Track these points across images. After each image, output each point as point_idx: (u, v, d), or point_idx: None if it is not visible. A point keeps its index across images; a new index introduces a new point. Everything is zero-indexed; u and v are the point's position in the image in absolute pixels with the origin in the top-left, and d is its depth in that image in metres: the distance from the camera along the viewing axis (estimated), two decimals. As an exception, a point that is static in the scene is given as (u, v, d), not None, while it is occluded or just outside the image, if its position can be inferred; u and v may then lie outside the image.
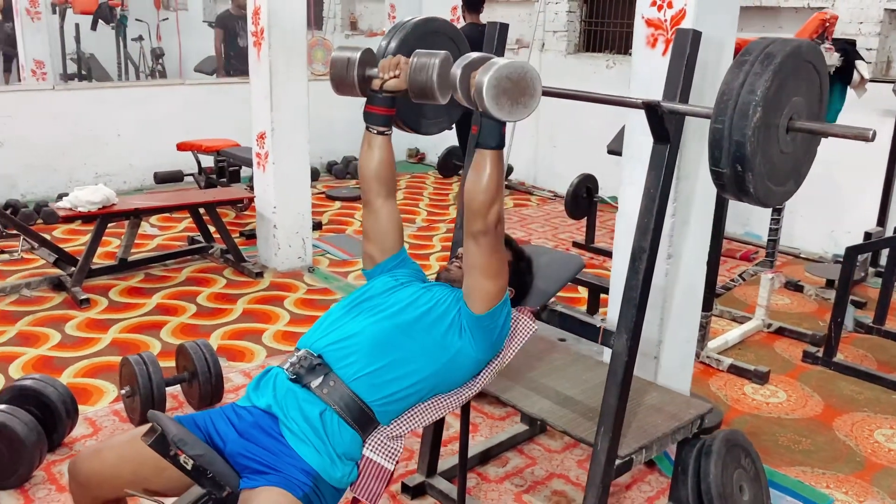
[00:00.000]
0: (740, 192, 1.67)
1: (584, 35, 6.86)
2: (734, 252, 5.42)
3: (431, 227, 5.85)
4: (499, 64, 1.65)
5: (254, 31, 4.35)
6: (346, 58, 1.99)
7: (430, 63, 1.90)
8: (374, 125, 2.03)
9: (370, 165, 2.05)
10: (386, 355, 1.77)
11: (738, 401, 3.32)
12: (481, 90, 1.63)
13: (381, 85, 1.97)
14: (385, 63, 1.97)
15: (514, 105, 1.66)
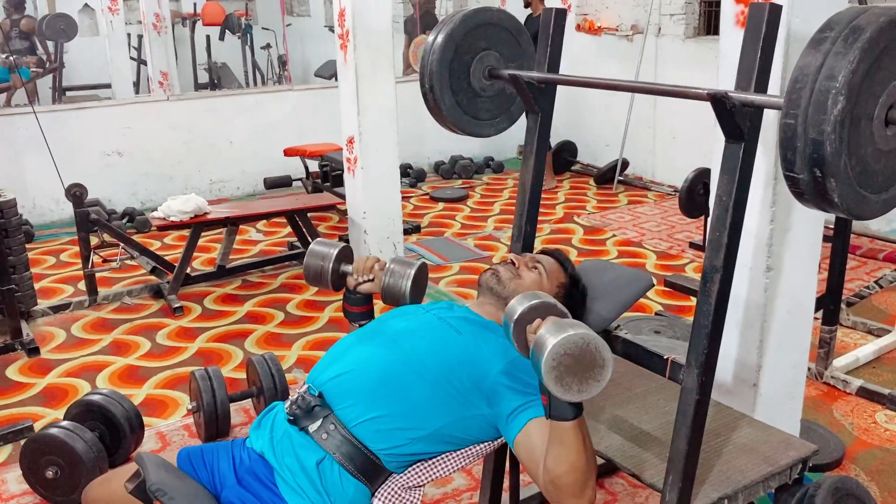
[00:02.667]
0: (822, 201, 1.34)
1: (703, 17, 6.34)
2: (877, 252, 4.79)
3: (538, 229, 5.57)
4: (553, 343, 1.33)
5: (340, 34, 4.26)
6: (322, 253, 1.96)
7: (404, 273, 1.89)
8: (355, 321, 1.96)
9: None
10: (391, 397, 1.55)
11: (867, 431, 2.86)
12: (541, 374, 1.34)
13: (356, 286, 1.93)
14: (360, 265, 1.93)
15: (583, 383, 1.36)
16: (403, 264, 1.92)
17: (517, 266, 1.85)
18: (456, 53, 2.16)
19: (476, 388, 1.57)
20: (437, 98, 2.16)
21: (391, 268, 1.90)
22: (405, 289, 1.88)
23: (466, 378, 1.58)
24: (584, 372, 1.35)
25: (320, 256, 1.97)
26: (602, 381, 1.38)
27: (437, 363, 1.59)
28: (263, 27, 11.12)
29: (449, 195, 6.42)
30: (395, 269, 1.90)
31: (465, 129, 2.24)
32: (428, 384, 1.57)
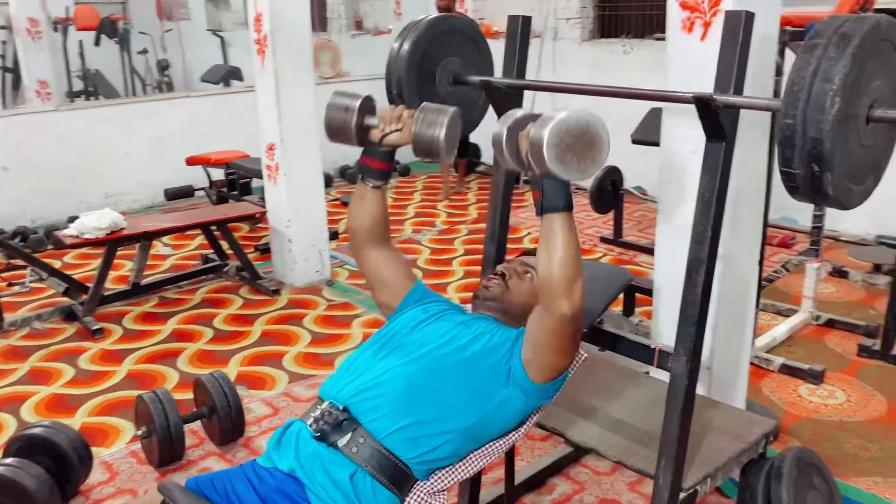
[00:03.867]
0: (817, 194, 1.45)
1: (598, 21, 6.61)
2: (771, 239, 5.16)
3: (452, 229, 5.64)
4: (556, 118, 1.40)
5: (256, 39, 4.16)
6: (344, 104, 1.81)
7: (437, 120, 1.75)
8: (371, 179, 1.85)
9: (363, 221, 1.86)
10: (420, 406, 1.56)
11: (794, 404, 3.10)
12: (541, 150, 1.39)
13: (382, 138, 1.80)
14: (387, 115, 1.80)
15: (581, 161, 1.43)
16: (436, 111, 1.77)
17: (508, 277, 1.88)
18: (422, 60, 2.17)
19: (492, 375, 1.63)
20: (405, 104, 2.16)
21: (422, 116, 1.76)
22: (439, 137, 1.73)
23: (483, 367, 1.63)
24: (583, 150, 1.43)
25: (343, 108, 1.81)
26: (599, 162, 1.46)
27: (455, 364, 1.62)
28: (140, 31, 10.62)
29: (360, 200, 6.37)
30: (426, 115, 1.76)
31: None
32: (452, 388, 1.59)
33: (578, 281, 1.53)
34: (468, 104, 2.34)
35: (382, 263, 1.88)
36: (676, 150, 2.43)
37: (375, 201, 1.85)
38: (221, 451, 2.81)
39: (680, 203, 2.46)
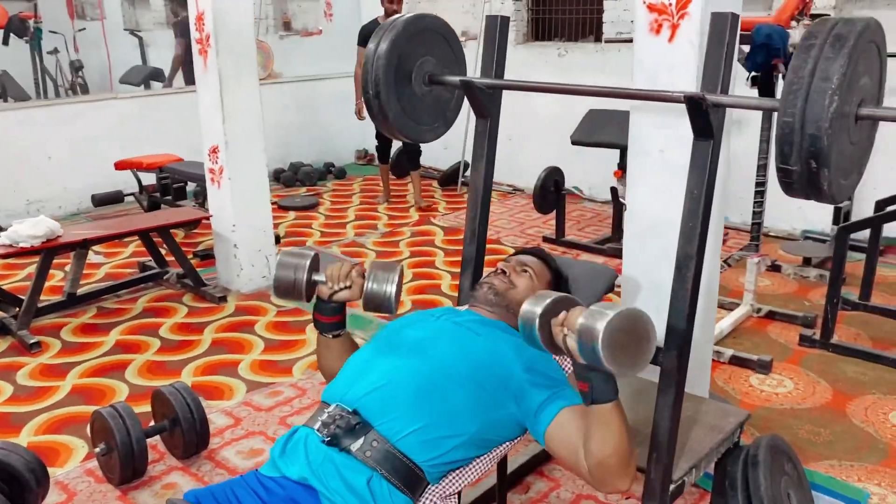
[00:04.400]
0: (813, 190, 1.51)
1: (532, 24, 6.71)
2: (705, 235, 5.35)
3: (395, 231, 5.61)
4: (607, 320, 1.38)
5: (198, 39, 4.03)
6: (293, 264, 1.82)
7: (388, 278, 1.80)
8: (327, 332, 1.88)
9: (330, 363, 1.88)
10: (433, 407, 1.54)
11: (748, 394, 3.21)
12: (596, 350, 1.37)
13: (331, 296, 1.82)
14: (334, 272, 1.82)
15: (633, 357, 1.43)
16: (385, 269, 1.85)
17: (508, 274, 1.88)
18: (399, 60, 2.15)
19: (503, 387, 1.60)
20: (383, 104, 2.14)
21: (374, 273, 1.83)
22: (390, 294, 1.80)
23: (494, 378, 1.61)
24: (634, 346, 1.43)
25: (292, 268, 1.83)
26: (649, 354, 1.46)
27: (466, 367, 1.60)
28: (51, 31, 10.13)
29: (299, 203, 6.27)
30: (377, 274, 1.83)
31: (409, 135, 2.24)
32: (462, 389, 1.57)
33: (632, 462, 1.52)
34: (442, 103, 2.33)
35: None
36: (645, 149, 2.48)
37: (341, 346, 1.88)
38: (185, 465, 2.71)
39: (649, 201, 2.51)
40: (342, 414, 1.53)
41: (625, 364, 1.41)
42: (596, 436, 1.47)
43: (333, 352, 1.89)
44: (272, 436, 2.88)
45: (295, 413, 3.04)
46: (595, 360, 1.40)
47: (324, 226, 5.77)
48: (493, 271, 1.95)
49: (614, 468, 1.48)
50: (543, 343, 1.53)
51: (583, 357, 1.41)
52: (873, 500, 2.50)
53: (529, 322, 1.54)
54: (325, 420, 1.54)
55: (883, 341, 3.68)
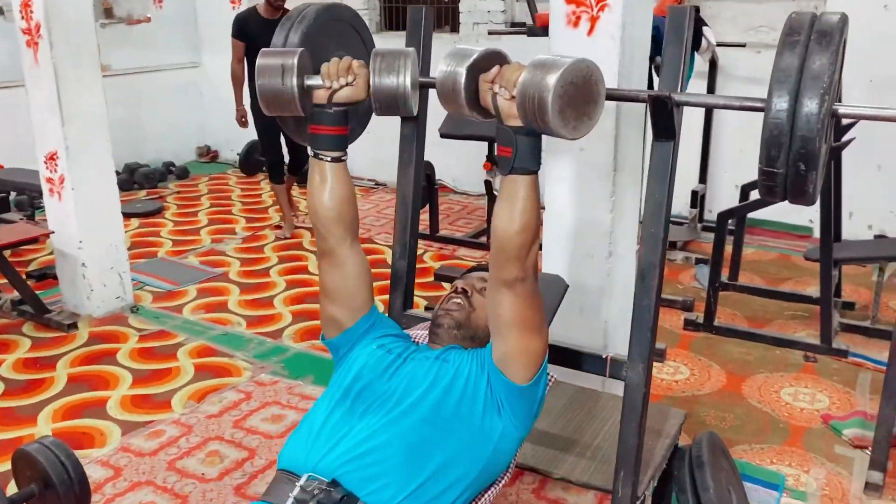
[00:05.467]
0: (797, 193, 1.44)
1: (385, 13, 6.49)
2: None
3: (257, 236, 5.23)
4: (564, 66, 1.26)
5: (25, 28, 3.47)
6: (277, 65, 1.51)
7: (399, 65, 1.52)
8: (326, 150, 1.57)
9: (327, 204, 1.58)
10: (426, 464, 1.35)
11: (650, 384, 3.23)
12: (546, 102, 1.24)
13: (331, 96, 1.53)
14: (331, 68, 1.53)
15: (578, 118, 1.30)
16: (394, 55, 1.54)
17: (469, 294, 1.70)
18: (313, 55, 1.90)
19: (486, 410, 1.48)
20: (296, 107, 1.87)
21: (379, 62, 1.53)
22: (405, 85, 1.51)
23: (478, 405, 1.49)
24: (582, 106, 1.33)
25: (278, 70, 1.50)
26: (594, 120, 1.37)
27: (450, 407, 1.44)
28: None
29: (141, 209, 5.69)
30: (385, 61, 1.53)
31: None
32: (454, 434, 1.40)
33: (534, 247, 1.43)
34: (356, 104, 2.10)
35: (353, 269, 1.64)
36: (563, 147, 2.38)
37: (340, 178, 1.59)
38: (60, 534, 2.30)
39: (569, 202, 2.42)
40: (320, 487, 1.29)
41: (569, 125, 1.30)
42: (504, 211, 1.37)
43: (330, 184, 1.59)
44: (162, 485, 2.52)
45: (185, 454, 2.69)
46: (537, 117, 1.28)
47: (174, 233, 5.28)
48: (450, 292, 1.75)
49: (515, 249, 1.38)
50: (465, 102, 1.40)
51: (522, 114, 1.30)
52: (789, 482, 2.57)
53: (452, 77, 1.40)
54: (298, 496, 1.29)
55: (757, 319, 3.86)
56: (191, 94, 7.32)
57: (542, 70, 1.29)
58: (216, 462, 2.65)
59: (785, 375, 3.28)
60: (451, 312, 1.68)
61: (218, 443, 2.76)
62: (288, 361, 3.40)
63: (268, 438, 2.79)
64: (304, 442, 1.42)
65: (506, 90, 1.34)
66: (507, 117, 1.35)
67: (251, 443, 2.76)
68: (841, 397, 3.10)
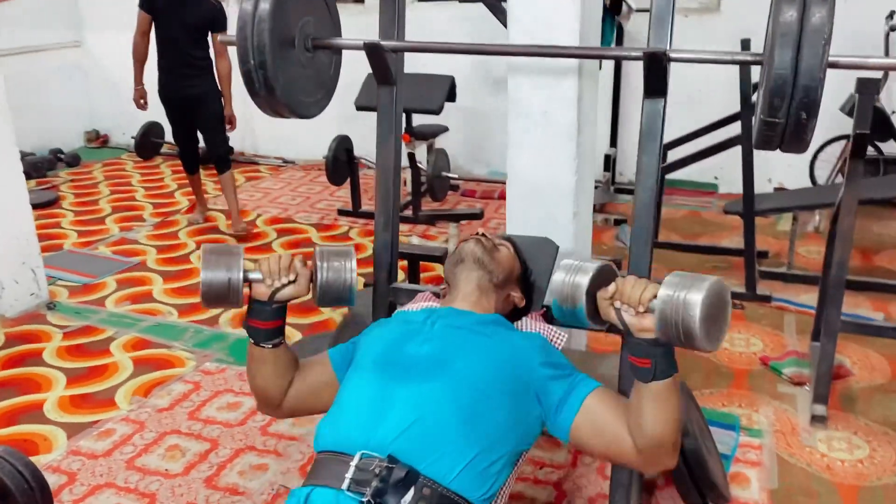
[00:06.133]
0: (795, 142, 1.52)
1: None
2: (492, 192, 5.48)
3: (168, 221, 4.98)
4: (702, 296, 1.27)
5: None
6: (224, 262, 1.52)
7: (344, 265, 1.57)
8: (265, 342, 1.56)
9: (276, 385, 1.61)
10: (479, 434, 1.34)
11: (597, 340, 3.33)
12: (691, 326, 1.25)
13: (273, 294, 1.52)
14: (272, 266, 1.52)
15: (718, 331, 1.33)
16: (338, 254, 1.58)
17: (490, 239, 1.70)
18: (283, 23, 1.82)
19: (527, 390, 1.45)
20: (269, 77, 1.81)
21: (325, 264, 1.54)
22: (350, 282, 1.56)
23: (520, 383, 1.45)
24: (718, 321, 1.34)
25: (224, 266, 1.50)
26: (728, 322, 1.39)
27: (494, 378, 1.40)
28: None
29: (35, 200, 5.22)
30: (330, 262, 1.55)
31: (297, 111, 1.93)
32: (499, 404, 1.38)
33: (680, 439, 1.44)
34: (322, 72, 2.03)
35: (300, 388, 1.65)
36: (526, 111, 2.38)
37: (280, 360, 1.60)
38: (23, 549, 2.13)
39: (533, 165, 2.43)
40: (375, 464, 1.25)
41: (712, 341, 1.31)
42: (652, 415, 1.36)
43: (271, 366, 1.59)
44: (125, 485, 2.38)
45: (142, 452, 2.55)
46: (682, 338, 1.29)
47: (77, 223, 4.95)
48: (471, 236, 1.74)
49: (670, 447, 1.39)
50: (588, 317, 1.41)
51: (664, 334, 1.30)
52: (742, 422, 2.72)
53: (573, 294, 1.41)
54: (356, 477, 1.24)
55: (684, 273, 4.03)
56: (74, 77, 6.85)
57: (682, 291, 1.29)
58: (178, 456, 2.53)
59: (718, 323, 3.45)
60: (479, 242, 1.67)
61: (176, 436, 2.63)
62: (232, 348, 3.27)
63: (228, 427, 2.68)
64: (347, 419, 1.37)
65: (631, 308, 1.33)
66: (638, 331, 1.34)
67: (212, 433, 2.65)
68: (772, 339, 3.30)
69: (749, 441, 2.60)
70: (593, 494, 2.35)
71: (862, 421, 2.70)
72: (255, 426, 2.69)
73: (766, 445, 2.57)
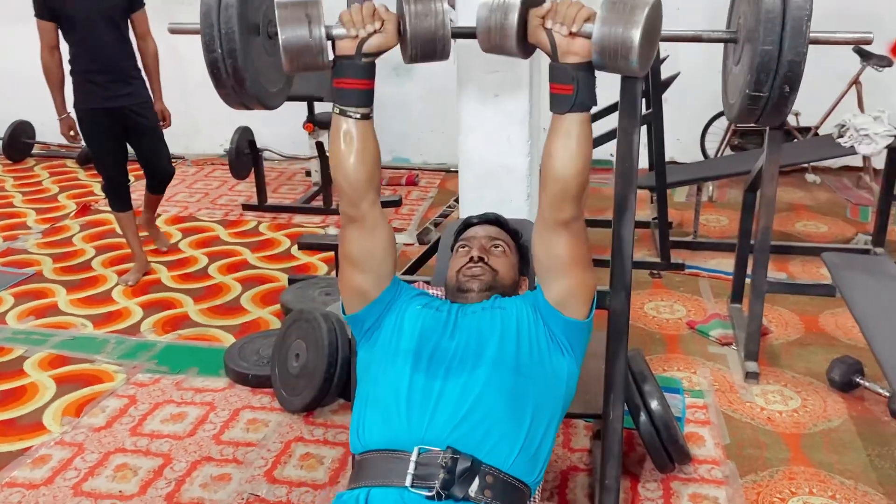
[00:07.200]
0: (776, 114, 1.59)
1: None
2: (399, 178, 5.45)
3: (57, 228, 4.62)
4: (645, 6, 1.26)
5: None
6: (303, 14, 1.37)
7: (435, 8, 1.41)
8: (355, 106, 1.43)
9: (359, 167, 1.45)
10: (525, 412, 1.35)
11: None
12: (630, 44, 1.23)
13: (360, 45, 1.38)
14: (355, 15, 1.39)
15: (651, 53, 1.31)
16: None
17: (487, 260, 1.67)
18: (249, 7, 1.73)
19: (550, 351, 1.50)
20: (238, 66, 1.69)
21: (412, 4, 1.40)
22: (445, 30, 1.40)
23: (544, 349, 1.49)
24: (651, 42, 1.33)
25: (304, 20, 1.36)
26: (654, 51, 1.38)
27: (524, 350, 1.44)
28: None
29: None
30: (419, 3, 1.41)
31: (265, 101, 1.82)
32: (538, 383, 1.41)
33: (587, 184, 1.45)
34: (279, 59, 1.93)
35: (382, 233, 1.52)
36: (477, 95, 2.38)
37: (370, 137, 1.45)
38: None
39: (485, 148, 2.44)
40: (443, 457, 1.22)
41: (645, 63, 1.31)
42: (563, 151, 1.37)
43: (359, 143, 1.45)
44: (76, 513, 2.21)
45: (88, 476, 2.36)
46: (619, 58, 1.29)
47: (-50, 236, 4.51)
48: (466, 258, 1.70)
49: (571, 185, 1.40)
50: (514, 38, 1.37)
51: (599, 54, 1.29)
52: (684, 384, 2.87)
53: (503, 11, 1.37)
54: (419, 472, 1.21)
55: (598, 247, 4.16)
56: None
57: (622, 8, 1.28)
58: (130, 476, 2.37)
59: (641, 293, 3.61)
60: (477, 277, 1.64)
61: (122, 455, 2.46)
62: (160, 357, 3.09)
63: (178, 439, 2.54)
64: (396, 416, 1.33)
65: (564, 26, 1.30)
66: (565, 54, 1.32)
67: (161, 448, 2.50)
68: (693, 304, 3.49)
69: (694, 402, 2.74)
70: (565, 468, 2.40)
71: (789, 374, 2.90)
72: (207, 435, 2.56)
73: (711, 404, 2.72)
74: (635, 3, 1.30)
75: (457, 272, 1.69)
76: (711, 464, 2.40)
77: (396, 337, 1.50)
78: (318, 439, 2.54)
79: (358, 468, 1.36)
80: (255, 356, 2.94)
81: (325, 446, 2.50)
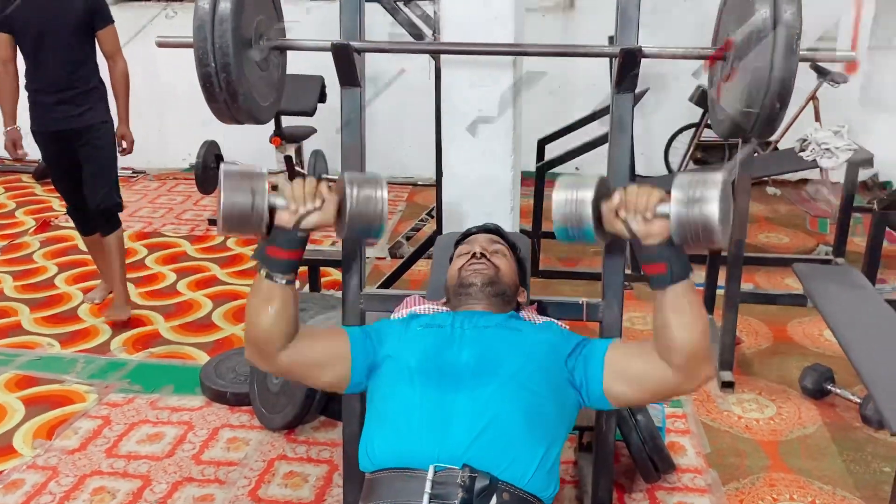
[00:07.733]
0: (766, 130, 1.64)
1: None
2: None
3: (16, 244, 4.49)
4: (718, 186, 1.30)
5: None
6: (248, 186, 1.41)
7: (376, 194, 1.48)
8: (282, 273, 1.46)
9: (278, 328, 1.47)
10: (540, 431, 1.34)
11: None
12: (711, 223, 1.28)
13: (298, 221, 1.43)
14: (296, 191, 1.44)
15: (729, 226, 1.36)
16: (370, 181, 1.48)
17: (489, 257, 1.68)
18: (242, 22, 1.73)
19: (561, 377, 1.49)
20: (232, 80, 1.70)
21: (355, 190, 1.44)
22: (382, 213, 1.46)
23: (556, 373, 1.48)
24: (729, 211, 1.37)
25: (248, 190, 1.39)
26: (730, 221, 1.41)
27: (538, 373, 1.43)
28: None
29: None
30: (361, 189, 1.45)
31: (256, 116, 1.84)
32: (547, 398, 1.40)
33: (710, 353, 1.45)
34: (271, 73, 1.92)
35: (307, 351, 1.52)
36: (461, 109, 2.38)
37: (288, 301, 1.47)
38: None
39: (469, 163, 2.44)
40: (464, 476, 1.21)
41: (726, 232, 1.34)
42: (677, 324, 1.36)
43: (278, 305, 1.46)
44: (54, 539, 2.14)
45: (63, 500, 2.29)
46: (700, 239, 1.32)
47: None
48: (468, 256, 1.70)
49: (704, 353, 1.39)
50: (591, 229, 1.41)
51: (681, 237, 1.32)
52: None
53: (579, 211, 1.40)
54: (436, 491, 1.19)
55: (570, 259, 4.23)
56: None
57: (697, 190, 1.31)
58: (108, 499, 2.30)
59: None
60: (480, 272, 1.64)
61: (98, 478, 2.39)
62: (133, 375, 3.02)
63: (156, 460, 2.48)
64: (408, 433, 1.32)
65: (639, 214, 1.34)
66: (647, 237, 1.35)
67: (139, 469, 2.43)
68: (666, 316, 3.53)
69: (673, 412, 2.78)
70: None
71: (762, 382, 2.97)
72: (186, 455, 2.50)
73: (690, 414, 2.76)
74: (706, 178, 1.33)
75: (458, 269, 1.69)
76: (694, 472, 2.44)
77: (403, 359, 1.49)
78: (301, 457, 2.51)
79: (370, 487, 1.35)
80: (231, 374, 2.89)
81: (310, 464, 2.47)
